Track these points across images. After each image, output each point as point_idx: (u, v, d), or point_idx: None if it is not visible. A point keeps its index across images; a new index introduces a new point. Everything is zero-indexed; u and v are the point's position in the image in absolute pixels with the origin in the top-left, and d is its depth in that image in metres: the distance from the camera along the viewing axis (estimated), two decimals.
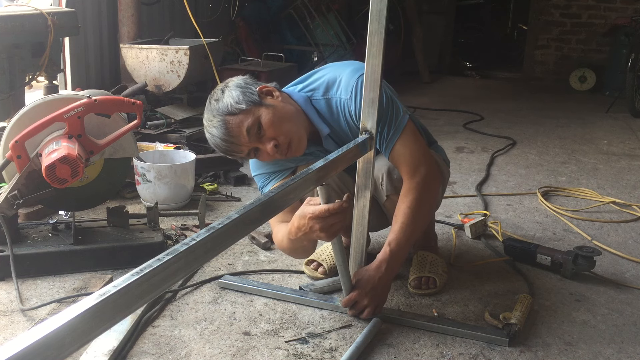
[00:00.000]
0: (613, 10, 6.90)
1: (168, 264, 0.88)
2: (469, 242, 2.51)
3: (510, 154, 4.05)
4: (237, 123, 1.73)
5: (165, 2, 4.45)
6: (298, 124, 1.81)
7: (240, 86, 1.78)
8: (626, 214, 2.93)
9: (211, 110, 1.77)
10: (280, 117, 1.76)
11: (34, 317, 1.82)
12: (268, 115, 1.75)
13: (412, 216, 1.80)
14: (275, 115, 1.75)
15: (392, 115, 1.82)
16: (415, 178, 1.81)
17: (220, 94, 1.77)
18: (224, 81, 1.85)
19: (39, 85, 3.01)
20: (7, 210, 2.02)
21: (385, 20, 1.66)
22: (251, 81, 1.84)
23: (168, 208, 2.67)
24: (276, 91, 1.83)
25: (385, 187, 1.94)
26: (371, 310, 1.83)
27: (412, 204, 1.80)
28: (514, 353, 1.73)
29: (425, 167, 1.83)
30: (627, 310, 2.01)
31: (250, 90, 1.77)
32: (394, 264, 1.82)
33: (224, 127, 1.74)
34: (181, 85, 3.55)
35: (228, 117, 1.74)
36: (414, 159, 1.82)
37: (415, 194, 1.80)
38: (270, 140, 1.75)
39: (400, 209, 1.82)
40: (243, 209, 1.11)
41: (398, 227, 1.81)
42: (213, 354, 1.67)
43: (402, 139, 1.82)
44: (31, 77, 2.78)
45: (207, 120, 1.78)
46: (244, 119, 1.73)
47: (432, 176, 1.85)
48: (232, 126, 1.73)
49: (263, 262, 2.27)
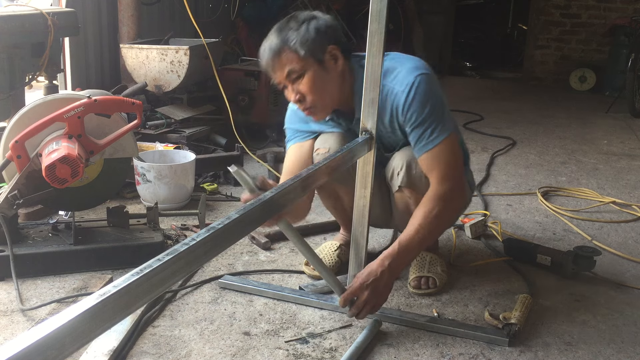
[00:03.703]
0: (613, 10, 6.90)
1: (168, 264, 0.88)
2: (469, 242, 2.51)
3: (510, 154, 4.05)
4: (287, 59, 1.78)
5: (165, 2, 4.45)
6: (332, 97, 1.86)
7: (319, 31, 1.78)
8: (626, 214, 2.93)
9: (282, 29, 1.80)
10: (322, 84, 1.80)
11: (34, 317, 1.82)
12: (314, 76, 1.79)
13: (430, 222, 1.77)
14: (319, 80, 1.79)
15: (439, 119, 1.81)
16: (443, 186, 1.80)
17: (298, 25, 1.79)
18: (315, 11, 1.86)
19: (39, 85, 3.00)
20: (7, 210, 2.02)
21: (385, 20, 1.66)
22: (331, 34, 1.81)
23: (168, 208, 2.66)
24: (341, 60, 1.83)
25: (400, 178, 1.90)
26: (370, 308, 1.74)
27: (433, 211, 1.78)
28: (514, 353, 1.73)
29: (454, 182, 1.82)
30: (627, 310, 2.01)
31: (321, 43, 1.78)
32: (399, 262, 1.77)
33: (275, 52, 1.78)
34: (181, 85, 3.54)
35: (285, 47, 1.77)
36: (447, 169, 1.81)
37: (439, 203, 1.79)
38: (298, 93, 1.81)
39: (420, 210, 1.79)
40: (243, 209, 1.11)
41: (413, 228, 1.78)
42: (213, 354, 1.67)
43: (443, 146, 1.81)
44: (31, 77, 2.77)
45: (274, 31, 1.81)
46: (293, 62, 1.77)
47: (458, 193, 1.86)
48: (282, 58, 1.78)
49: (263, 262, 2.27)
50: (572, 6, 7.11)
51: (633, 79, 5.34)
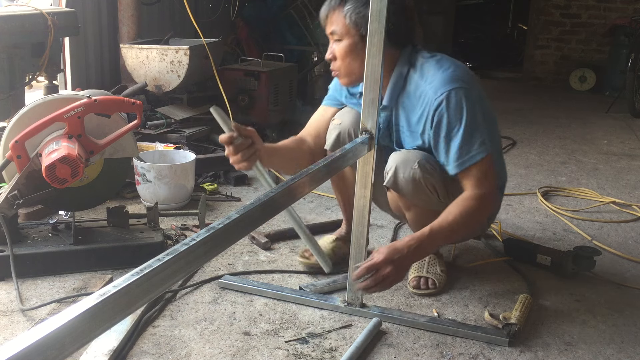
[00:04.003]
0: (613, 10, 6.90)
1: (168, 264, 0.88)
2: (469, 242, 2.51)
3: (510, 154, 4.05)
4: (336, 20, 1.88)
5: (165, 2, 4.45)
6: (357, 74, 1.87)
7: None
8: (626, 214, 2.93)
9: None
10: (354, 56, 1.87)
11: (34, 317, 1.82)
12: (350, 45, 1.87)
13: (463, 218, 1.76)
14: (353, 52, 1.87)
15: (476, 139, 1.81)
16: (479, 190, 1.81)
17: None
18: None
19: (39, 85, 3.00)
20: (7, 210, 2.02)
21: (385, 20, 1.66)
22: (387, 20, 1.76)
23: (168, 208, 2.66)
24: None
25: (387, 179, 1.91)
26: (387, 285, 1.65)
27: (469, 209, 1.78)
28: (514, 353, 1.73)
29: (488, 190, 1.83)
30: (627, 310, 2.01)
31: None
32: (424, 247, 1.71)
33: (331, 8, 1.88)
34: (181, 85, 3.54)
35: (340, 8, 1.86)
36: (483, 180, 1.82)
37: (475, 203, 1.79)
38: (332, 53, 1.92)
39: (458, 205, 1.79)
40: (243, 209, 1.11)
41: (448, 219, 1.75)
42: (213, 354, 1.67)
43: (480, 166, 1.81)
44: (31, 77, 2.77)
45: None
46: (340, 24, 1.87)
47: (490, 200, 1.87)
48: (333, 16, 1.88)
49: (263, 262, 2.27)
50: (572, 6, 7.11)
51: (633, 79, 5.34)
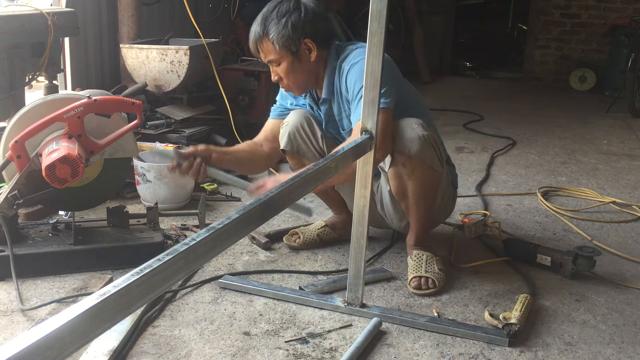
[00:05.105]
0: (613, 10, 6.90)
1: (168, 264, 0.87)
2: (469, 242, 2.51)
3: (510, 154, 4.05)
4: (266, 49, 2.04)
5: (165, 2, 4.45)
6: (305, 81, 2.11)
7: (295, 28, 1.99)
8: (626, 214, 2.93)
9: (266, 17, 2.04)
10: (295, 71, 2.06)
11: (34, 317, 1.82)
12: (288, 65, 2.04)
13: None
14: (293, 68, 2.05)
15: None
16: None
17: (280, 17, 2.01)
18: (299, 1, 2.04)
19: (39, 85, 3.00)
20: (7, 210, 2.02)
21: (385, 20, 1.66)
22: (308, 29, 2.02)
23: (168, 208, 2.67)
24: (315, 51, 2.06)
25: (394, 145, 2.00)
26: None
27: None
28: (514, 353, 1.73)
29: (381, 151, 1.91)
30: (627, 310, 2.01)
31: (297, 38, 2.00)
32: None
33: (258, 40, 2.04)
34: (181, 85, 3.54)
35: (265, 38, 2.02)
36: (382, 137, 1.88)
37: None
38: (277, 75, 2.09)
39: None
40: (243, 209, 1.11)
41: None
42: (213, 354, 1.67)
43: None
44: (31, 77, 2.77)
45: (260, 16, 2.05)
46: (271, 52, 2.03)
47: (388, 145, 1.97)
48: (263, 46, 2.05)
49: (263, 262, 2.27)
50: (572, 6, 7.11)
51: (633, 79, 5.34)
